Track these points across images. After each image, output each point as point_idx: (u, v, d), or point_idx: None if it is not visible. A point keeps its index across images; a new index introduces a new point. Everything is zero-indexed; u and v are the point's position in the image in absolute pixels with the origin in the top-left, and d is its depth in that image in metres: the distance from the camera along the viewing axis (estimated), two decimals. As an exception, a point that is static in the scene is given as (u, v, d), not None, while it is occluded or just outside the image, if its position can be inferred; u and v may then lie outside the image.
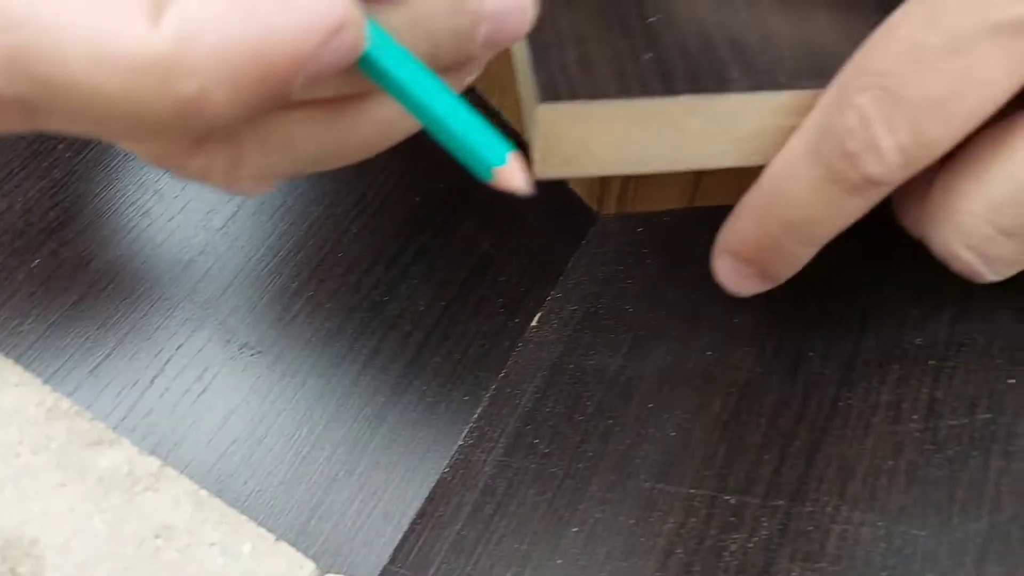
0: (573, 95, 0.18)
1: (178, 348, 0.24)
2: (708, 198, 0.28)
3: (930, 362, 0.22)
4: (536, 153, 0.19)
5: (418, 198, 0.28)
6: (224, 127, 0.14)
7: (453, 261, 0.27)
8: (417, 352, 0.25)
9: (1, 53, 0.12)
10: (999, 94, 0.18)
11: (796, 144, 0.19)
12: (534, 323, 0.26)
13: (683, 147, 0.19)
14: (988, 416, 0.21)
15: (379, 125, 0.16)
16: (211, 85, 0.13)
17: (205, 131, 0.14)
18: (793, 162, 0.19)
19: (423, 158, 0.26)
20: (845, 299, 0.24)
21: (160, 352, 0.24)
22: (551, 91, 0.18)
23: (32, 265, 0.25)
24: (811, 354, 0.23)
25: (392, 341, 0.25)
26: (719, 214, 0.22)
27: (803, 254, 0.21)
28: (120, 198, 0.26)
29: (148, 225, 0.26)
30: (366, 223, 0.28)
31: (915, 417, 0.21)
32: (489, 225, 0.28)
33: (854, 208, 0.19)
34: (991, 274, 0.20)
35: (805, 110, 0.19)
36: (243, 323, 0.25)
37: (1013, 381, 0.21)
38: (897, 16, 0.19)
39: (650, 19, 0.20)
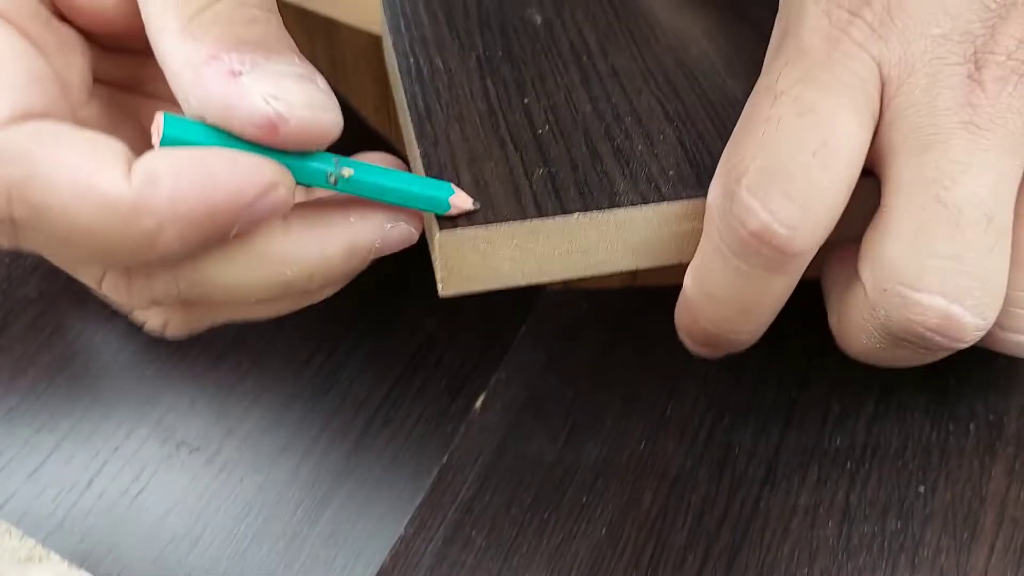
0: (470, 220, 0.19)
1: (116, 449, 0.24)
2: (648, 279, 0.28)
3: (847, 464, 0.23)
4: (439, 272, 0.20)
5: (360, 282, 0.28)
6: (175, 258, 0.18)
7: (396, 344, 0.28)
8: (359, 439, 0.26)
9: (3, 180, 0.15)
10: (854, 145, 0.19)
11: (704, 250, 0.20)
12: (477, 405, 0.27)
13: (581, 257, 0.20)
14: (898, 525, 0.21)
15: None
16: (165, 222, 0.16)
17: (158, 261, 0.17)
18: (708, 266, 0.20)
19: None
20: (775, 387, 0.25)
21: (98, 454, 0.24)
22: (448, 218, 0.19)
23: (-30, 370, 0.25)
24: (738, 449, 0.24)
25: (333, 430, 0.26)
26: (660, 291, 0.23)
27: (751, 337, 0.22)
28: (56, 303, 0.27)
29: (84, 327, 0.26)
30: (306, 311, 0.28)
31: (830, 523, 0.22)
32: (433, 305, 0.28)
33: (780, 286, 0.20)
34: (971, 315, 0.18)
35: (694, 215, 0.20)
36: (181, 421, 0.25)
37: (922, 489, 0.22)
38: (748, 108, 0.20)
39: (540, 130, 0.21)
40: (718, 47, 0.24)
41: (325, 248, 0.19)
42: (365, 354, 0.27)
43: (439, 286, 0.20)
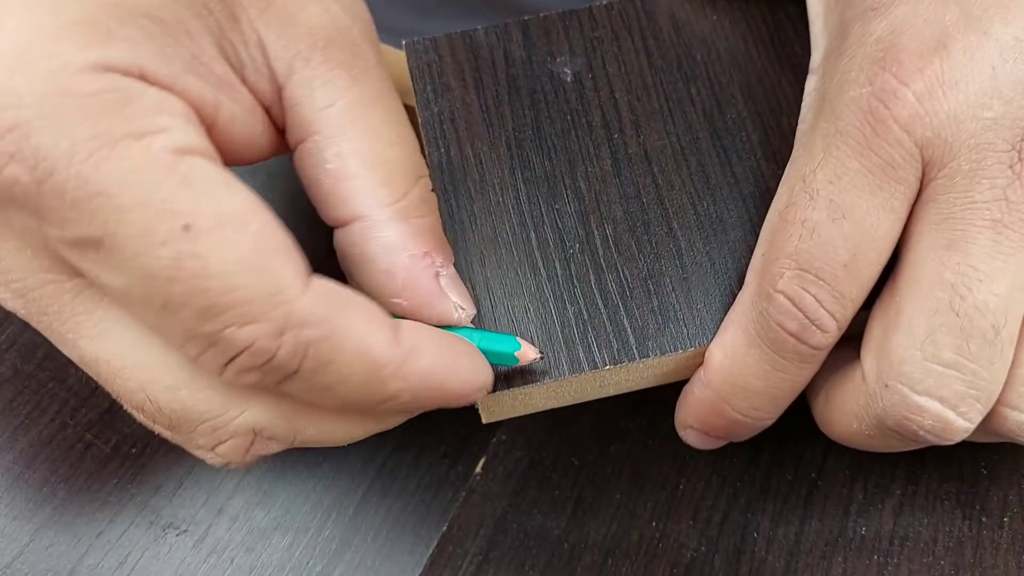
0: (508, 384, 0.21)
1: (98, 535, 0.23)
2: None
3: (874, 556, 0.21)
4: (482, 412, 0.22)
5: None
6: (392, 417, 0.20)
7: (392, 409, 0.26)
8: (354, 514, 0.25)
9: (305, 340, 0.17)
10: (887, 240, 0.19)
11: (735, 341, 0.21)
12: (478, 469, 0.25)
13: (612, 388, 0.22)
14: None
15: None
16: (405, 389, 0.18)
17: (380, 415, 0.20)
18: (741, 356, 0.21)
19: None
20: (792, 469, 0.24)
21: (79, 541, 0.23)
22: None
23: (-56, 454, 0.24)
24: (756, 535, 0.22)
25: (327, 505, 0.25)
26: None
27: (772, 421, 0.22)
28: (42, 390, 0.26)
29: (61, 408, 0.25)
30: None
31: (859, 619, 0.21)
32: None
33: (808, 372, 0.21)
34: (960, 419, 0.19)
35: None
36: (168, 502, 0.24)
37: (958, 588, 0.21)
38: (783, 199, 0.20)
39: (571, 250, 0.22)
40: (755, 109, 0.24)
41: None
42: (360, 421, 0.26)
43: (482, 416, 0.22)
